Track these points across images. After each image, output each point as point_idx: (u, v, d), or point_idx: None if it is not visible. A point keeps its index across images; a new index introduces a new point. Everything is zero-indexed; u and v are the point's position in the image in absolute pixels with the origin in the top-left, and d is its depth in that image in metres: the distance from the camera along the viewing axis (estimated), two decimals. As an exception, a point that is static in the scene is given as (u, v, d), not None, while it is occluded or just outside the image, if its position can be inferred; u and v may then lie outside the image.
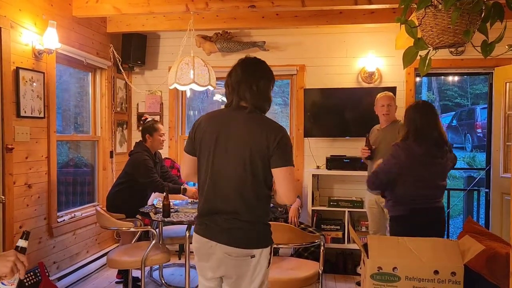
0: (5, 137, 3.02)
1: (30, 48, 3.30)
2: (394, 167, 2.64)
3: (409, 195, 2.64)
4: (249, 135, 1.86)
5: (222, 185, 1.87)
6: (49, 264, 3.50)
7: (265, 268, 1.93)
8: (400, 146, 2.66)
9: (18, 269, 1.33)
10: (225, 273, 1.88)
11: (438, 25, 1.82)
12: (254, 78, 1.98)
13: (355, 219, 4.53)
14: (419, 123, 2.65)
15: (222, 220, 1.85)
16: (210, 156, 1.89)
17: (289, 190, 1.86)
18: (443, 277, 1.80)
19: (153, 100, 4.94)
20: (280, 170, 1.83)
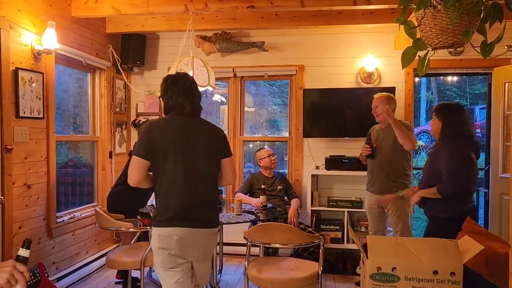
0: (4, 137, 3.02)
1: (29, 48, 3.30)
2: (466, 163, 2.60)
3: (472, 189, 2.67)
4: (207, 136, 2.30)
5: (195, 181, 2.20)
6: (48, 265, 3.50)
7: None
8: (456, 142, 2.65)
9: (16, 281, 1.29)
10: (205, 252, 2.28)
11: (437, 26, 1.82)
12: (196, 89, 2.38)
13: (355, 219, 4.54)
14: (461, 119, 2.73)
15: (200, 210, 2.22)
16: (178, 158, 2.18)
17: (233, 174, 2.40)
18: (443, 277, 1.80)
19: (152, 100, 4.94)
20: (227, 160, 2.34)
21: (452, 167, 2.58)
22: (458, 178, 2.56)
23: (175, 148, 2.17)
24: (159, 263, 2.20)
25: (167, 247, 2.14)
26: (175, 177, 2.17)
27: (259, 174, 4.29)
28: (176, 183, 2.17)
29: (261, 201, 3.69)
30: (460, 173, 2.57)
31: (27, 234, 3.27)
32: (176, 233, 2.13)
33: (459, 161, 2.59)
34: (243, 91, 4.98)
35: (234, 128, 4.95)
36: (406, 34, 1.99)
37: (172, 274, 2.18)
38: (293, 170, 4.79)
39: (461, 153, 2.61)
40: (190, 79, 2.40)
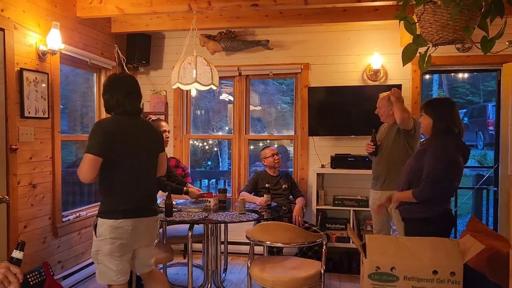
0: (9, 137, 3.05)
1: (34, 49, 3.33)
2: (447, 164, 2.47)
3: (450, 193, 2.56)
4: (149, 134, 2.54)
5: (144, 176, 2.49)
6: (54, 264, 3.53)
7: None
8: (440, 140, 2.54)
9: (10, 282, 1.30)
10: (152, 237, 2.60)
11: (437, 22, 1.79)
12: (138, 91, 2.54)
13: (361, 218, 4.50)
14: (448, 116, 2.60)
15: (148, 201, 2.55)
16: (129, 156, 2.41)
17: (165, 166, 2.75)
18: (442, 277, 1.77)
19: (158, 100, 4.96)
20: (162, 154, 2.65)
21: (434, 170, 2.43)
22: (436, 183, 2.42)
23: (126, 147, 2.39)
24: (107, 252, 2.37)
25: (120, 237, 2.36)
26: (128, 173, 2.41)
27: (264, 172, 4.28)
28: (129, 178, 2.42)
29: (265, 200, 3.68)
30: (440, 178, 2.42)
31: (33, 233, 3.31)
32: (131, 224, 2.39)
33: (442, 166, 2.44)
34: (248, 89, 4.97)
35: (240, 127, 4.94)
36: (406, 30, 1.96)
37: (118, 262, 2.40)
38: (299, 169, 4.77)
39: (448, 157, 2.46)
40: (133, 80, 2.56)
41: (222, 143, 6.44)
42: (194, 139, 5.31)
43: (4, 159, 3.03)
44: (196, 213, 3.34)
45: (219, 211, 3.48)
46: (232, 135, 5.02)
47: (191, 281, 3.26)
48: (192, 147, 5.91)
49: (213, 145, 6.70)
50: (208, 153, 7.24)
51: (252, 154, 5.10)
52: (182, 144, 5.01)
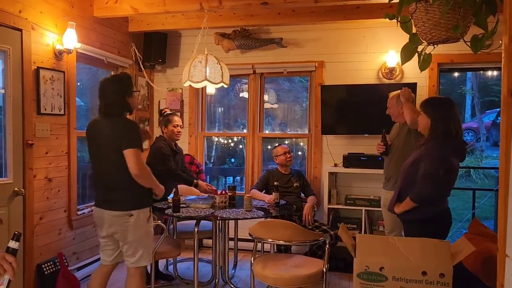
0: (25, 133, 3.19)
1: (50, 48, 3.46)
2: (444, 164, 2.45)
3: (445, 193, 2.54)
4: (110, 131, 2.64)
5: (99, 168, 2.73)
6: (69, 255, 3.67)
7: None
8: (437, 140, 2.52)
9: (5, 270, 1.38)
10: (120, 234, 2.68)
11: (429, 20, 1.76)
12: (104, 92, 2.72)
13: (374, 218, 4.45)
14: (445, 116, 2.55)
15: (104, 193, 2.71)
16: (92, 152, 2.77)
17: (135, 166, 2.59)
18: (431, 278, 1.75)
19: (174, 97, 5.05)
20: (127, 151, 2.57)
21: (430, 169, 2.41)
22: (431, 182, 2.41)
23: (90, 143, 2.78)
24: None
25: (95, 221, 2.86)
26: (92, 167, 2.78)
27: (275, 171, 4.30)
28: (93, 172, 2.78)
29: (273, 197, 3.70)
30: (435, 177, 2.40)
31: (48, 225, 3.45)
32: (96, 212, 2.77)
33: (438, 166, 2.42)
34: (262, 87, 5.00)
35: (254, 124, 4.97)
36: (402, 29, 1.94)
37: (101, 243, 2.86)
38: (312, 167, 4.76)
39: (444, 158, 2.43)
40: (101, 83, 2.76)
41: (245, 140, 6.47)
42: (209, 136, 5.38)
43: (20, 153, 3.17)
44: (203, 209, 3.40)
45: (227, 207, 3.53)
46: (246, 132, 5.06)
47: (197, 275, 3.33)
48: (216, 144, 5.99)
49: (237, 143, 6.76)
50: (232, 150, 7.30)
51: (267, 152, 5.12)
52: (197, 141, 5.09)
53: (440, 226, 2.41)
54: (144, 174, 2.63)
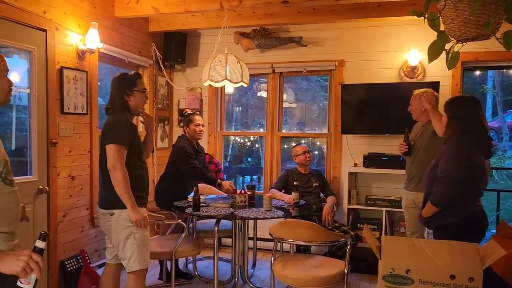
0: (50, 132, 3.25)
1: (74, 48, 3.51)
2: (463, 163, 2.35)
3: (470, 194, 2.42)
4: (103, 128, 2.65)
5: (99, 166, 2.73)
6: (91, 252, 3.72)
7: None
8: (457, 140, 2.44)
9: (32, 269, 1.40)
10: (107, 230, 2.71)
11: (459, 17, 1.72)
12: (111, 88, 2.74)
13: (395, 219, 4.38)
14: (468, 114, 2.48)
15: (100, 193, 2.76)
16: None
17: (110, 162, 2.50)
18: (460, 282, 1.70)
19: (193, 96, 5.07)
20: (107, 146, 2.52)
21: (447, 171, 2.34)
22: (450, 184, 2.32)
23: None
24: None
25: None
26: None
27: (294, 170, 4.27)
28: None
29: (293, 197, 3.67)
30: (454, 178, 2.32)
31: (71, 223, 3.50)
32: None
33: (456, 166, 2.33)
34: (282, 87, 4.97)
35: (273, 124, 4.96)
36: (430, 27, 1.89)
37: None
38: (331, 167, 4.71)
39: (463, 157, 2.34)
40: (112, 79, 2.75)
41: (263, 139, 6.47)
42: (228, 135, 5.38)
43: (45, 152, 3.23)
44: (223, 208, 3.40)
45: (247, 207, 3.52)
46: (265, 132, 5.04)
47: (216, 274, 3.33)
48: (233, 143, 6.00)
49: (254, 142, 6.76)
50: (249, 150, 7.30)
51: (286, 151, 5.10)
52: (216, 140, 5.10)
53: (470, 229, 2.32)
54: (115, 174, 2.47)
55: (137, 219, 2.50)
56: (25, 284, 1.43)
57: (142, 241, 2.59)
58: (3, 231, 1.49)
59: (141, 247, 2.58)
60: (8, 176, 1.53)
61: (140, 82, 2.72)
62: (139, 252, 2.57)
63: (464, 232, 2.29)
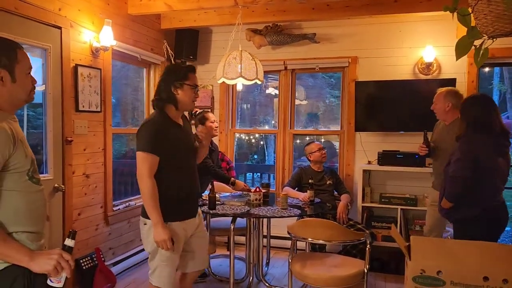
0: (65, 130, 3.23)
1: (88, 45, 3.49)
2: (471, 164, 2.45)
3: (487, 191, 2.49)
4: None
5: None
6: (105, 250, 3.71)
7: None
8: (466, 140, 2.51)
9: (62, 268, 1.39)
10: None
11: (492, 12, 1.66)
12: (159, 81, 2.48)
13: (409, 217, 4.34)
14: (480, 114, 2.56)
15: None
16: None
17: (137, 169, 2.29)
18: (494, 284, 1.67)
19: (205, 94, 5.04)
20: (136, 154, 2.32)
21: (456, 168, 2.44)
22: (458, 180, 2.43)
23: None
24: None
25: None
26: None
27: (308, 168, 4.24)
28: None
29: (308, 195, 3.64)
30: (463, 174, 2.41)
31: (86, 221, 3.49)
32: None
33: (465, 164, 2.43)
34: (294, 84, 4.93)
35: (285, 121, 4.92)
36: (459, 22, 1.85)
37: None
38: (345, 165, 4.68)
39: (470, 156, 2.43)
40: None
41: (269, 137, 6.44)
42: (239, 133, 5.35)
43: (60, 150, 3.21)
44: (238, 206, 3.38)
45: (261, 205, 3.49)
46: (276, 129, 5.01)
47: (233, 273, 3.31)
48: (239, 140, 5.96)
49: (259, 139, 6.74)
50: (255, 147, 7.27)
51: (296, 149, 5.07)
52: (228, 138, 5.07)
53: (488, 223, 2.40)
54: (140, 184, 2.28)
55: (158, 240, 2.24)
56: (55, 283, 1.42)
57: (167, 261, 2.35)
58: (31, 231, 1.47)
59: (164, 267, 2.35)
60: (35, 174, 1.51)
61: (192, 76, 2.42)
62: (161, 271, 2.36)
63: (481, 226, 2.39)
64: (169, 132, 2.34)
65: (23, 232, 1.45)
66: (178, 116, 2.45)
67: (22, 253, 1.38)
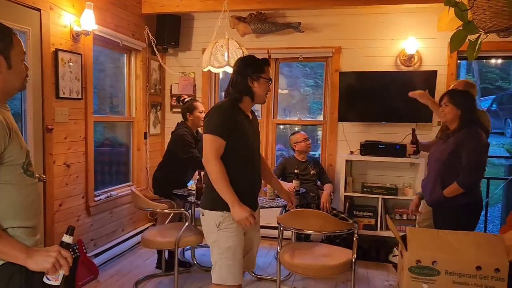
0: (45, 118, 3.10)
1: (68, 29, 3.34)
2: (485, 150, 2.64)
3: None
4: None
5: None
6: (87, 241, 3.62)
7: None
8: (474, 129, 2.65)
9: (61, 265, 1.34)
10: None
11: (491, 8, 1.69)
12: (233, 73, 2.41)
13: (389, 206, 4.44)
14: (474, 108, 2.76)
15: None
16: None
17: (204, 154, 2.22)
18: (486, 273, 1.73)
19: (186, 82, 4.95)
20: (203, 136, 2.26)
21: (477, 158, 2.56)
22: (479, 168, 2.59)
23: None
24: None
25: None
26: None
27: (292, 158, 4.25)
28: None
29: (294, 185, 3.66)
30: (481, 163, 2.60)
31: (67, 212, 3.39)
32: None
33: (481, 151, 2.59)
34: (277, 73, 4.91)
35: (268, 110, 4.90)
36: (457, 17, 1.87)
37: None
38: (327, 155, 4.72)
39: (483, 143, 2.60)
40: (238, 59, 2.47)
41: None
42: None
43: (40, 139, 3.09)
44: (226, 197, 3.35)
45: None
46: (259, 118, 4.99)
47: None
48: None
49: None
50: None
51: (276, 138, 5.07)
52: (210, 126, 5.01)
53: (474, 213, 2.57)
54: (207, 167, 2.20)
55: (239, 219, 2.16)
56: (52, 280, 1.38)
57: (226, 253, 2.23)
58: (27, 225, 1.41)
59: (223, 260, 2.24)
60: (29, 167, 1.44)
61: (267, 70, 2.37)
62: (221, 265, 2.25)
63: (472, 213, 2.59)
64: (237, 120, 2.26)
65: (19, 227, 1.38)
66: (249, 109, 2.40)
67: (18, 250, 1.32)
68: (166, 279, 3.58)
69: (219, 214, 2.22)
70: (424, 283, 1.78)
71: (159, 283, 3.52)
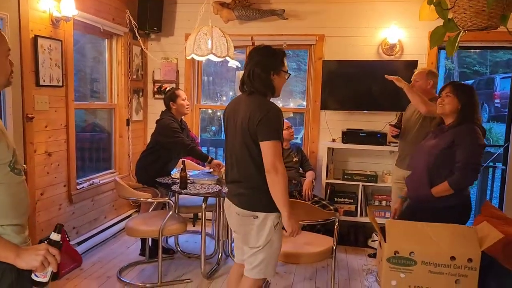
0: (25, 106, 3.05)
1: (47, 15, 3.26)
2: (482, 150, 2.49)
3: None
4: (244, 114, 2.16)
5: (233, 159, 2.27)
6: (69, 230, 3.62)
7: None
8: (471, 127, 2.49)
9: (49, 263, 1.35)
10: (242, 234, 2.31)
11: (472, 8, 1.74)
12: (251, 65, 2.24)
13: (369, 192, 4.55)
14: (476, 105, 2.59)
15: (233, 187, 2.30)
16: (228, 135, 2.33)
17: (269, 162, 2.09)
18: (460, 263, 1.82)
19: (169, 67, 4.90)
20: (263, 144, 2.11)
21: (475, 158, 2.39)
22: (475, 170, 2.39)
23: (228, 126, 2.40)
24: None
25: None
26: (225, 151, 2.46)
27: (275, 145, 4.28)
28: (225, 157, 2.45)
29: (277, 174, 3.70)
30: (478, 164, 2.40)
31: (49, 201, 3.37)
32: (226, 201, 2.41)
33: (479, 152, 2.42)
34: (260, 60, 4.89)
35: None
36: (438, 15, 1.91)
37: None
38: (309, 142, 4.78)
39: (482, 143, 2.44)
40: (254, 51, 2.31)
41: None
42: (205, 108, 5.29)
43: (21, 127, 3.04)
44: (209, 185, 3.39)
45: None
46: (243, 105, 4.99)
47: (204, 250, 3.35)
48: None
49: (215, 112, 6.68)
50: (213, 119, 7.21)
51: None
52: (193, 113, 5.00)
53: (464, 212, 2.44)
54: (275, 176, 2.09)
55: (294, 229, 2.17)
56: (41, 277, 1.39)
57: (277, 252, 2.30)
58: (15, 223, 1.41)
59: (273, 257, 2.28)
60: (16, 165, 1.43)
61: (285, 63, 2.27)
62: (268, 263, 2.27)
63: (461, 215, 2.43)
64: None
65: (8, 225, 1.38)
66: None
67: (8, 249, 1.33)
68: (149, 266, 3.62)
69: (276, 215, 2.21)
70: (402, 273, 1.86)
71: (143, 270, 3.56)
